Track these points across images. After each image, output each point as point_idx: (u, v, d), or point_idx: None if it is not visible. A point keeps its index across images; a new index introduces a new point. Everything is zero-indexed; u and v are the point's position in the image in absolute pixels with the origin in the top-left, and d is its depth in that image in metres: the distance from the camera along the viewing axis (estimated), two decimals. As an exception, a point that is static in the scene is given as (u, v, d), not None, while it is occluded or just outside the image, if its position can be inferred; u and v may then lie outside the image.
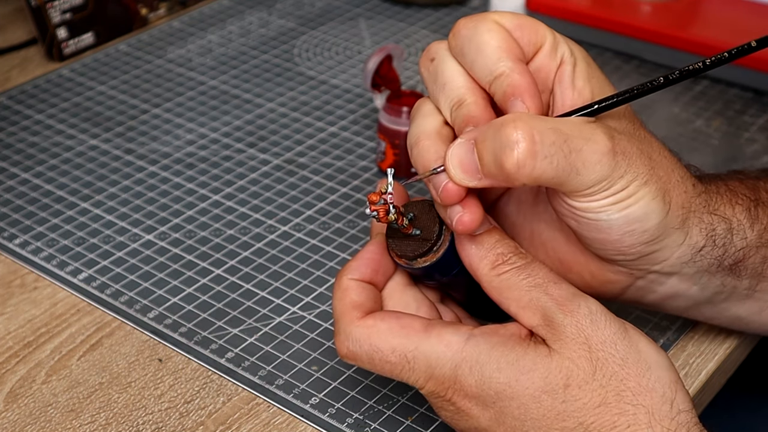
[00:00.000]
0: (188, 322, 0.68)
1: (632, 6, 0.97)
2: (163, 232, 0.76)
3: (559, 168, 0.50)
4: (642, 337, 0.53)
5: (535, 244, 0.59)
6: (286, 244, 0.75)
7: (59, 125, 0.87)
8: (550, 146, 0.49)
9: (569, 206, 0.53)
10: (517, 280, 0.53)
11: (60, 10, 0.95)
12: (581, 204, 0.52)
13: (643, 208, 0.53)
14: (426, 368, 0.53)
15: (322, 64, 0.97)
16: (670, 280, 0.57)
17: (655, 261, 0.56)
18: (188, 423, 0.61)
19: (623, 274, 0.57)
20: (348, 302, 0.55)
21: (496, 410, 0.52)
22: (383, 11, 1.05)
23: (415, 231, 0.54)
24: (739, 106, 0.89)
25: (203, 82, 0.94)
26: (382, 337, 0.53)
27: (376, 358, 0.53)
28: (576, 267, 0.58)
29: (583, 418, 0.50)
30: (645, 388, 0.51)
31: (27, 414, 0.62)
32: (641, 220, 0.53)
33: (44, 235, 0.75)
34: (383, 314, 0.54)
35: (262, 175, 0.82)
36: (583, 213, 0.53)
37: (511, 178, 0.49)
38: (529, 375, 0.51)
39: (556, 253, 0.58)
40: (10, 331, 0.68)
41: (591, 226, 0.53)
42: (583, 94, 0.55)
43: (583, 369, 0.51)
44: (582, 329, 0.51)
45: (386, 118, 0.80)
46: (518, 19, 0.55)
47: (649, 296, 0.59)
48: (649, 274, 0.57)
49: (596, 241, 0.54)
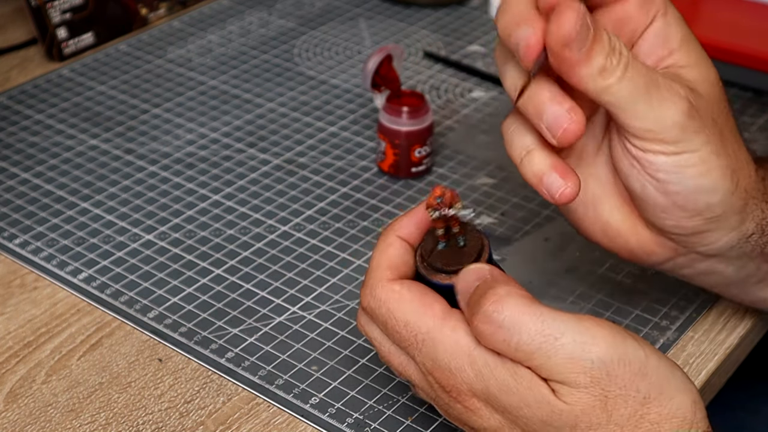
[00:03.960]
0: (188, 322, 0.68)
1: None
2: (163, 232, 0.76)
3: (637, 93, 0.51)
4: (667, 362, 0.51)
5: (585, 202, 0.59)
6: (286, 244, 0.75)
7: (59, 125, 0.87)
8: (642, 77, 0.51)
9: (640, 164, 0.54)
10: None
11: (60, 10, 0.95)
12: (656, 158, 0.53)
13: (714, 181, 0.53)
14: (433, 356, 0.52)
15: (322, 64, 0.97)
16: (710, 260, 0.58)
17: (704, 242, 0.56)
18: (188, 423, 0.61)
19: (668, 248, 0.58)
20: (385, 259, 0.54)
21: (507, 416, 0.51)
22: (383, 11, 1.05)
23: (461, 239, 0.53)
24: (739, 106, 0.89)
25: (203, 82, 0.94)
26: (401, 307, 0.53)
27: (389, 325, 0.53)
28: (623, 232, 0.58)
29: None
30: (666, 417, 0.50)
31: (27, 414, 0.62)
32: (709, 192, 0.54)
33: (44, 235, 0.75)
34: (411, 285, 0.53)
35: (262, 175, 0.82)
36: (654, 171, 0.53)
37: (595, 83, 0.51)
38: (531, 409, 0.50)
39: (606, 216, 0.58)
40: (10, 331, 0.68)
41: (661, 186, 0.54)
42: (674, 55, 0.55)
43: (596, 416, 0.49)
44: (598, 381, 0.49)
45: (386, 118, 0.80)
46: None
47: (685, 270, 0.60)
48: (693, 253, 0.57)
49: (659, 206, 0.55)
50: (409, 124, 0.79)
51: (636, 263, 0.60)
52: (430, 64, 0.97)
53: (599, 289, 0.70)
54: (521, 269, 0.72)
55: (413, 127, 0.79)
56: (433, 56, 0.97)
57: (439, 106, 0.90)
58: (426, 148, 0.80)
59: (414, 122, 0.79)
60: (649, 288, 0.70)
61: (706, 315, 0.69)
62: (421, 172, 0.81)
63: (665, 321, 0.68)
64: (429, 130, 0.80)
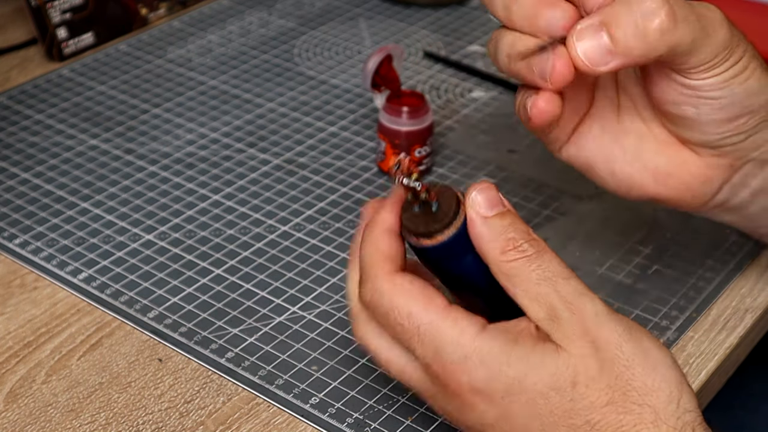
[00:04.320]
0: (188, 322, 0.68)
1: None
2: (163, 232, 0.76)
3: (695, 30, 0.53)
4: (646, 336, 0.53)
5: (627, 159, 0.60)
6: (286, 244, 0.75)
7: (59, 125, 0.87)
8: (684, 8, 0.53)
9: (691, 90, 0.56)
10: (527, 270, 0.52)
11: (60, 10, 0.95)
12: (706, 81, 0.55)
13: (759, 80, 0.56)
14: (434, 348, 0.52)
15: (322, 64, 0.97)
16: (763, 170, 0.60)
17: (757, 144, 0.58)
18: (188, 423, 0.61)
19: (723, 168, 0.59)
20: (380, 252, 0.54)
21: (504, 406, 0.51)
22: (383, 11, 1.05)
23: (434, 204, 0.53)
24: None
25: (203, 82, 0.94)
26: (404, 299, 0.53)
27: (391, 316, 0.53)
28: (674, 170, 0.60)
29: (590, 416, 0.50)
30: (651, 388, 0.51)
31: (27, 414, 0.62)
32: (758, 93, 0.56)
33: (44, 235, 0.75)
34: (412, 278, 0.53)
35: (262, 175, 0.82)
36: (706, 92, 0.55)
37: (652, 48, 0.53)
38: (537, 371, 0.51)
39: (652, 162, 0.60)
40: (10, 331, 0.68)
41: (712, 105, 0.56)
42: None
43: (590, 367, 0.51)
44: (588, 329, 0.51)
45: (386, 118, 0.80)
46: None
47: (741, 194, 0.61)
48: (747, 164, 0.59)
49: (714, 123, 0.57)
50: (409, 124, 0.79)
51: (691, 208, 0.62)
52: (430, 64, 0.97)
53: (599, 289, 0.70)
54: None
55: (413, 127, 0.79)
56: (433, 56, 0.97)
57: (439, 106, 0.90)
58: (426, 148, 0.80)
59: (414, 122, 0.79)
60: (649, 288, 0.70)
61: (706, 315, 0.69)
62: (421, 172, 0.81)
63: (665, 321, 0.68)
64: (429, 130, 0.80)
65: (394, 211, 0.55)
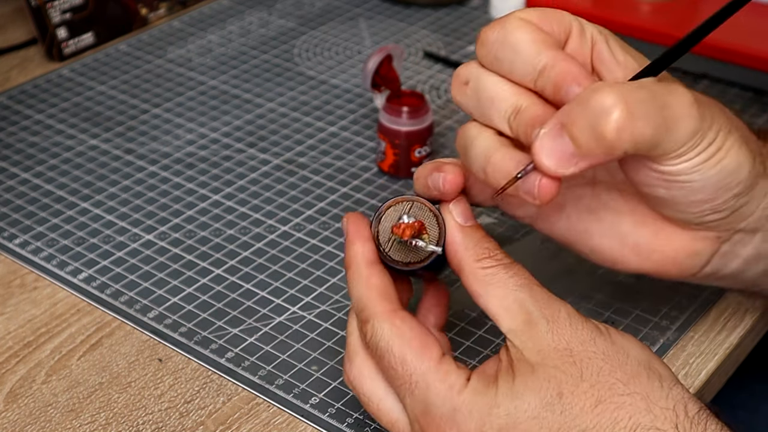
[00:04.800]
0: (188, 322, 0.68)
1: (632, 6, 0.97)
2: (163, 232, 0.76)
3: (656, 125, 0.49)
4: (610, 328, 0.53)
5: (606, 234, 0.58)
6: (286, 244, 0.75)
7: (59, 125, 0.87)
8: (643, 104, 0.48)
9: (661, 174, 0.52)
10: (504, 277, 0.53)
11: (60, 10, 0.95)
12: (676, 167, 0.51)
13: (735, 158, 0.52)
14: (424, 401, 0.52)
15: (322, 64, 0.97)
16: (754, 239, 0.57)
17: (743, 216, 0.55)
18: (188, 423, 0.61)
19: (709, 240, 0.56)
20: (374, 290, 0.54)
21: None
22: (383, 11, 1.05)
23: (428, 245, 0.55)
24: (739, 106, 0.89)
25: (203, 82, 0.94)
26: (401, 345, 0.53)
27: (386, 359, 0.53)
28: (657, 246, 0.57)
29: (584, 424, 0.50)
30: (631, 375, 0.51)
31: (27, 414, 0.62)
32: (735, 171, 0.53)
33: (44, 235, 0.75)
34: (413, 323, 0.54)
35: (262, 175, 0.82)
36: (677, 177, 0.52)
37: (612, 148, 0.48)
38: (524, 398, 0.51)
39: (632, 238, 0.57)
40: (10, 331, 0.68)
41: (685, 189, 0.53)
42: (628, 65, 0.54)
43: (570, 374, 0.51)
44: (562, 335, 0.51)
45: (386, 118, 0.80)
46: (541, 12, 0.54)
47: (732, 264, 0.58)
48: (735, 234, 0.56)
49: (690, 204, 0.54)
50: (409, 124, 0.79)
51: (681, 278, 0.59)
52: (430, 64, 0.97)
53: (599, 289, 0.70)
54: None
55: (413, 127, 0.79)
56: (433, 56, 0.97)
57: (439, 106, 0.90)
58: (426, 148, 0.80)
59: (414, 122, 0.79)
60: (649, 288, 0.70)
61: (706, 315, 0.69)
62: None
63: (665, 321, 0.68)
64: (429, 130, 0.80)
65: (370, 241, 0.56)
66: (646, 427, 0.50)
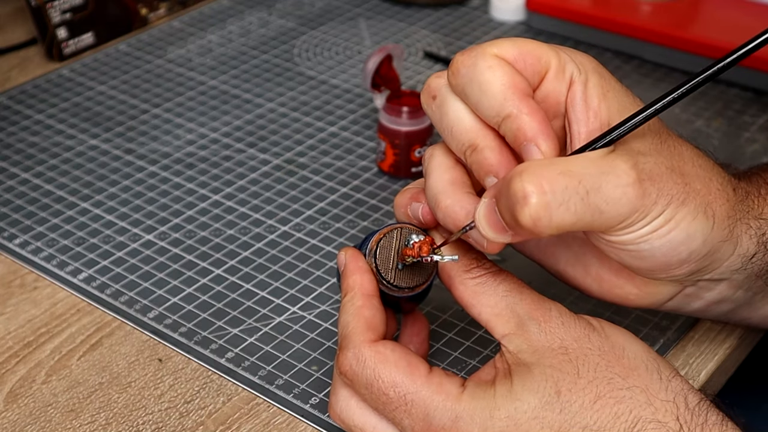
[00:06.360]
0: (188, 322, 0.68)
1: (632, 6, 0.97)
2: (163, 232, 0.76)
3: (579, 212, 0.47)
4: (604, 323, 0.53)
5: (571, 262, 0.58)
6: (286, 244, 0.75)
7: (59, 125, 0.87)
8: (563, 192, 0.47)
9: (607, 241, 0.51)
10: (493, 284, 0.53)
11: (60, 10, 0.95)
12: (619, 238, 0.50)
13: (686, 230, 0.51)
14: (424, 416, 0.52)
15: (322, 64, 0.97)
16: (719, 286, 0.57)
17: (705, 272, 0.54)
18: (188, 423, 0.61)
19: (671, 284, 0.56)
20: (362, 321, 0.54)
21: None
22: (383, 11, 1.05)
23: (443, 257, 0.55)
24: (739, 106, 0.89)
25: (203, 82, 0.94)
26: (388, 369, 0.52)
27: (375, 387, 0.52)
28: (619, 282, 0.57)
29: (584, 421, 0.50)
30: (629, 369, 0.51)
31: (27, 414, 0.62)
32: (686, 242, 0.51)
33: (44, 235, 0.75)
34: (394, 346, 0.53)
35: (262, 175, 0.82)
36: (623, 246, 0.51)
37: (532, 233, 0.47)
38: (523, 398, 0.51)
39: (596, 271, 0.57)
40: (10, 331, 0.68)
41: (633, 255, 0.52)
42: (599, 114, 0.52)
43: (566, 371, 0.51)
44: (555, 334, 0.52)
45: (386, 118, 0.80)
46: (518, 48, 0.52)
47: (695, 303, 0.58)
48: (699, 281, 0.56)
49: (641, 269, 0.53)
50: (409, 124, 0.79)
51: (644, 308, 0.59)
52: (430, 64, 0.97)
53: (599, 289, 0.70)
54: (521, 270, 0.72)
55: (413, 127, 0.79)
56: (433, 56, 0.97)
57: (439, 106, 0.90)
58: (426, 148, 0.80)
59: (414, 122, 0.79)
60: (649, 288, 0.70)
61: (706, 315, 0.69)
62: (421, 172, 0.81)
63: (665, 321, 0.68)
64: (429, 130, 0.80)
65: (369, 274, 0.56)
66: (647, 420, 0.50)
